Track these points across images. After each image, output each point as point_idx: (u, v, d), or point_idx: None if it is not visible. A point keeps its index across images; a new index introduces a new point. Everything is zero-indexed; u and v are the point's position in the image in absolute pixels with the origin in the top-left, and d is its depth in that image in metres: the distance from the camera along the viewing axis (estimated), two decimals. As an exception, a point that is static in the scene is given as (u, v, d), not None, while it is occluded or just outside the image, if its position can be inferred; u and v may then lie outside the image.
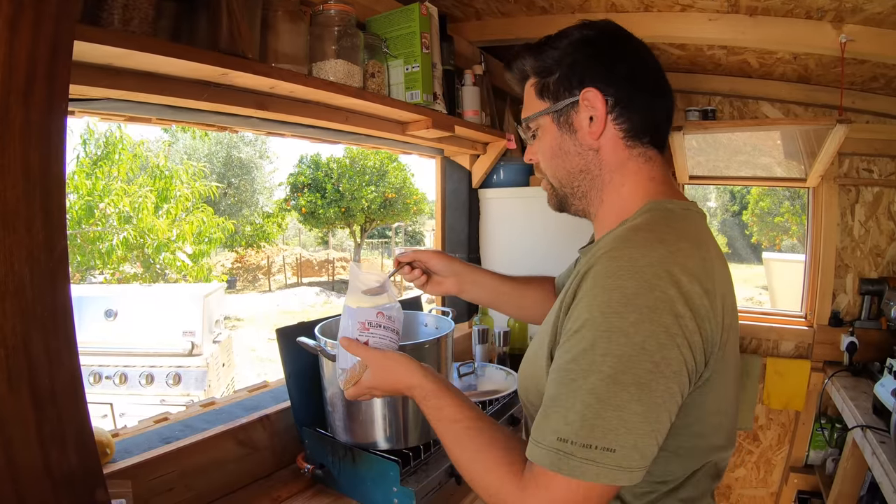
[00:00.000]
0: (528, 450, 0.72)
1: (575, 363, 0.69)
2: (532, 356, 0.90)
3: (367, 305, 1.00)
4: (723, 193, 20.95)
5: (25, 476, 0.71)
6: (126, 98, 1.15)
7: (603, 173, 0.89)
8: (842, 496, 2.25)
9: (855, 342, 2.54)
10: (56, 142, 0.71)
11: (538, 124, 0.93)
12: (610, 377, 0.67)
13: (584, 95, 0.85)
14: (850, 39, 1.80)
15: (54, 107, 0.71)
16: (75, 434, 0.78)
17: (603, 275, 0.71)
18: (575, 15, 2.02)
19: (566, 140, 0.90)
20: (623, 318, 0.68)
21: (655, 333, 0.67)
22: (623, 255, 0.72)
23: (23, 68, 0.66)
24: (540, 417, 0.72)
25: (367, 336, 0.98)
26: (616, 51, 0.89)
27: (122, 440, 1.25)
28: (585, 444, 0.66)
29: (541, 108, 0.91)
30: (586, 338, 0.69)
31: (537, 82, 0.92)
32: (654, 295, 0.68)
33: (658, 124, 0.89)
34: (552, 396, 0.71)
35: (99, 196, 7.42)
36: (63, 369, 0.75)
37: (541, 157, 0.95)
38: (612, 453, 0.66)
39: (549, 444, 0.69)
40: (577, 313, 0.72)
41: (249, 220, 17.74)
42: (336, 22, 1.37)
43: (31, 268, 0.70)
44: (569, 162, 0.90)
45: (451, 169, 2.50)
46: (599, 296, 0.70)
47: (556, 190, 0.95)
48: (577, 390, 0.68)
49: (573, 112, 0.88)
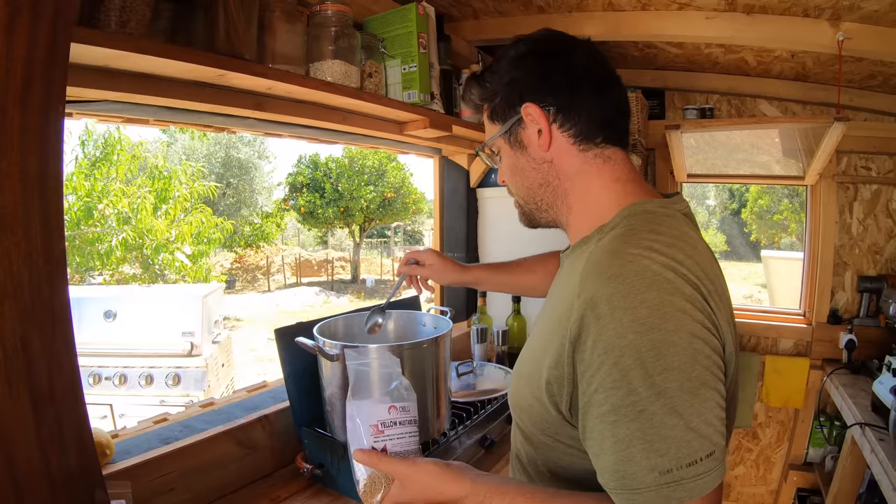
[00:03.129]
0: (627, 501, 0.67)
1: (634, 395, 0.66)
2: (528, 368, 0.87)
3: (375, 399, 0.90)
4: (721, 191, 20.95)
5: (25, 477, 0.71)
6: (123, 100, 1.15)
7: (563, 182, 0.89)
8: (841, 494, 2.25)
9: (854, 340, 2.54)
10: (53, 144, 0.72)
11: (497, 147, 0.95)
12: (679, 389, 0.65)
13: (524, 111, 0.86)
14: (848, 37, 1.80)
15: (51, 109, 0.71)
16: (74, 435, 0.78)
17: (619, 296, 0.68)
18: (572, 14, 2.02)
19: (520, 157, 0.91)
20: (661, 329, 0.66)
21: (695, 331, 0.67)
22: (628, 270, 0.69)
23: (20, 71, 0.67)
24: (620, 465, 0.67)
25: (384, 440, 0.87)
26: (548, 59, 0.88)
27: (122, 441, 1.25)
28: (690, 462, 0.64)
29: (493, 131, 0.94)
30: (633, 365, 0.66)
31: (487, 108, 0.94)
32: (678, 297, 0.68)
33: (609, 121, 0.88)
34: (622, 438, 0.66)
35: (98, 197, 7.42)
36: (62, 371, 0.75)
37: (506, 178, 0.98)
38: (713, 456, 0.65)
39: (652, 483, 0.65)
40: (604, 345, 0.68)
41: (248, 221, 17.75)
42: (333, 22, 1.37)
43: (29, 270, 0.70)
44: (527, 178, 0.92)
45: (449, 168, 2.50)
46: (625, 317, 0.67)
47: (523, 206, 0.97)
48: (652, 417, 0.65)
49: (520, 129, 0.89)
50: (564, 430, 0.80)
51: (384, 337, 1.66)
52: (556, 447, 0.83)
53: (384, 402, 0.89)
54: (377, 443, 0.87)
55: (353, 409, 0.89)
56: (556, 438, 0.82)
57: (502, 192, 2.47)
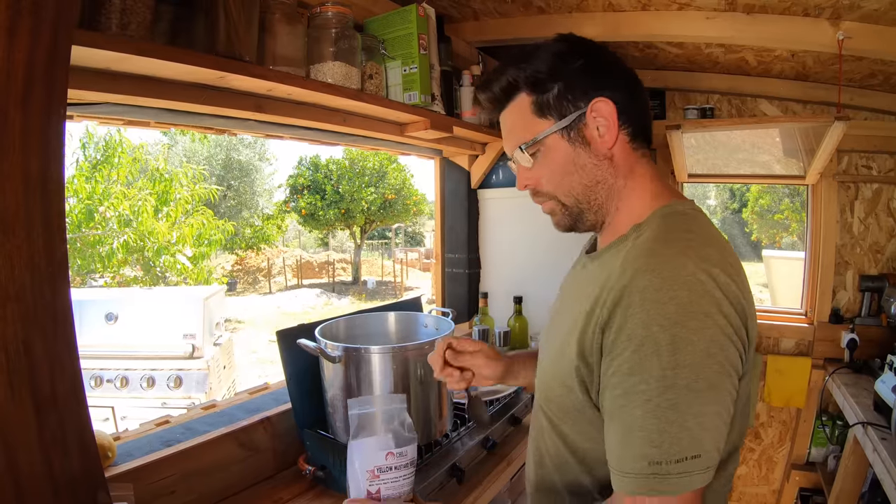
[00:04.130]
0: (617, 482, 0.72)
1: (645, 383, 0.69)
2: (554, 361, 0.89)
3: (373, 444, 0.91)
4: (722, 191, 20.93)
5: (27, 480, 0.72)
6: (124, 102, 1.15)
7: (617, 181, 0.89)
8: (843, 493, 2.25)
9: (855, 339, 2.54)
10: (55, 147, 0.72)
11: (541, 145, 0.88)
12: (686, 388, 0.68)
13: (594, 105, 0.84)
14: (848, 36, 1.80)
15: (53, 112, 0.71)
16: (77, 438, 0.78)
17: (652, 289, 0.71)
18: (572, 14, 2.03)
19: (581, 154, 0.87)
20: (684, 327, 0.68)
21: (715, 336, 0.69)
22: (664, 266, 0.72)
23: (21, 74, 0.67)
24: (618, 446, 0.72)
25: (378, 484, 0.90)
26: (606, 58, 0.89)
27: (124, 443, 1.25)
28: (678, 459, 0.67)
29: (544, 126, 0.87)
30: (650, 355, 0.69)
31: (535, 100, 0.88)
32: (706, 300, 0.70)
33: (649, 124, 0.91)
34: (627, 422, 0.71)
35: (99, 200, 7.41)
36: (64, 373, 0.75)
37: (547, 178, 0.90)
38: (698, 459, 0.68)
39: (641, 471, 0.69)
40: (628, 332, 0.71)
41: (249, 223, 17.75)
42: (333, 24, 1.37)
43: (31, 273, 0.70)
44: (585, 176, 0.88)
45: (450, 169, 2.50)
46: (653, 310, 0.70)
47: (570, 208, 0.91)
48: (656, 409, 0.68)
49: (582, 124, 0.86)
50: (592, 414, 0.82)
51: (386, 337, 1.66)
52: (583, 431, 0.86)
53: (383, 447, 0.91)
54: (372, 486, 0.89)
55: (352, 452, 0.91)
56: (584, 423, 0.84)
57: (503, 192, 2.49)
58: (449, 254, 2.55)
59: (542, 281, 2.32)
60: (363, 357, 1.30)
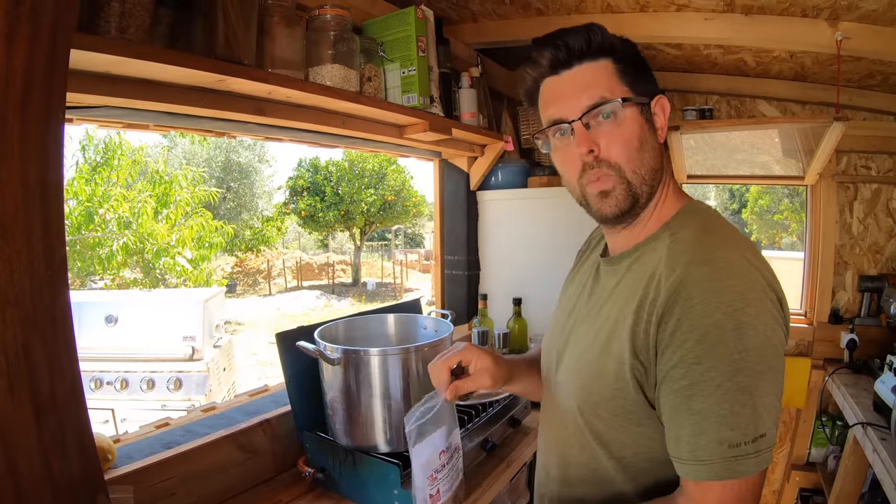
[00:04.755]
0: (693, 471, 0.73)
1: (714, 370, 0.71)
2: (594, 362, 0.87)
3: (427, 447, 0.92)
4: (722, 192, 20.93)
5: (27, 482, 0.72)
6: (124, 105, 1.15)
7: (665, 175, 0.91)
8: (843, 493, 2.25)
9: (855, 339, 2.54)
10: (54, 152, 0.72)
11: (622, 110, 0.84)
12: (751, 370, 0.70)
13: (659, 99, 0.89)
14: (846, 37, 1.80)
15: (51, 117, 0.71)
16: (76, 441, 0.78)
17: (709, 280, 0.74)
18: (570, 16, 2.03)
19: (651, 136, 0.87)
20: (745, 312, 0.71)
21: (770, 321, 0.73)
22: (715, 257, 0.76)
23: (19, 80, 0.67)
24: (690, 436, 0.73)
25: (437, 485, 0.94)
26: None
27: (124, 446, 1.25)
28: (753, 438, 0.70)
29: (625, 93, 0.84)
30: (716, 342, 0.71)
31: (622, 68, 0.86)
32: (758, 287, 0.74)
33: None
34: (699, 410, 0.72)
35: (98, 202, 7.41)
36: (63, 377, 0.76)
37: (621, 147, 0.85)
38: (765, 438, 0.71)
39: (721, 455, 0.70)
40: (690, 322, 0.73)
41: (249, 225, 17.74)
42: (332, 27, 1.37)
43: (31, 277, 0.70)
44: (654, 159, 0.87)
45: (450, 171, 2.51)
46: (713, 299, 0.72)
47: (634, 187, 0.86)
48: (727, 393, 0.70)
49: (650, 112, 0.88)
50: (644, 413, 0.82)
51: (386, 339, 1.67)
52: (631, 435, 0.85)
53: (434, 447, 0.93)
54: (432, 488, 0.93)
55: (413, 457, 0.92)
56: (632, 426, 0.84)
57: (503, 194, 2.49)
58: (448, 256, 2.55)
59: (542, 283, 2.32)
60: (362, 359, 1.30)
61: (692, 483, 0.73)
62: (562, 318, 1.05)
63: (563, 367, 0.97)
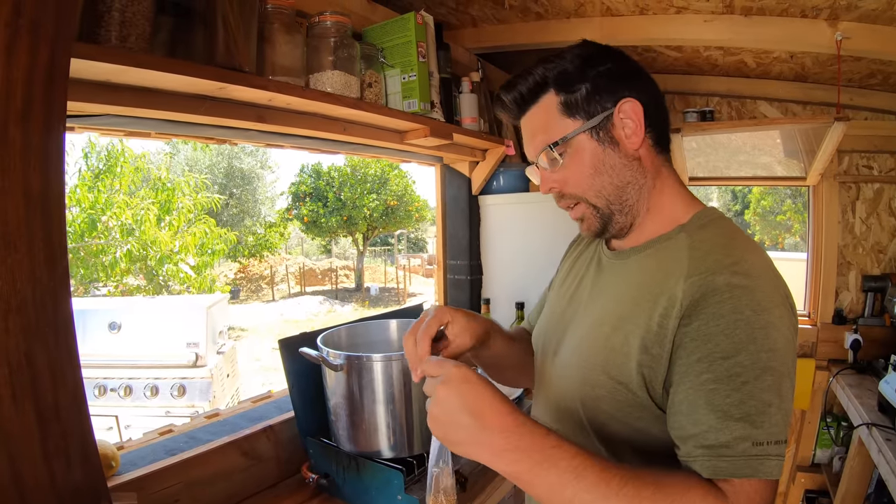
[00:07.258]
0: (713, 466, 0.69)
1: (739, 366, 0.70)
2: (595, 356, 0.86)
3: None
4: (724, 193, 20.94)
5: (31, 491, 0.72)
6: (125, 113, 1.16)
7: (647, 180, 0.89)
8: (849, 495, 2.24)
9: (859, 340, 2.53)
10: (55, 162, 0.72)
11: (568, 146, 0.87)
12: (777, 370, 0.71)
13: (622, 106, 0.85)
14: (846, 37, 1.80)
15: (52, 127, 0.72)
16: (79, 448, 0.78)
17: (738, 279, 0.74)
18: (570, 20, 2.03)
19: (610, 154, 0.87)
20: (772, 313, 0.72)
21: (789, 326, 0.74)
22: (743, 260, 0.77)
23: (20, 91, 0.67)
24: (713, 433, 0.69)
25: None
26: (631, 62, 0.91)
27: (128, 452, 1.25)
28: (776, 440, 0.69)
29: (572, 126, 0.87)
30: (744, 339, 0.71)
31: (562, 100, 0.87)
32: (781, 291, 0.76)
33: (669, 130, 0.93)
34: (719, 407, 0.70)
35: (101, 209, 7.44)
36: (66, 385, 0.76)
37: (576, 179, 0.89)
38: (782, 443, 0.70)
39: (743, 452, 0.68)
40: (719, 318, 0.72)
41: (252, 231, 17.79)
42: (332, 33, 1.38)
43: (33, 286, 0.71)
44: (616, 176, 0.87)
45: (451, 176, 2.51)
46: (744, 297, 0.73)
47: (601, 210, 0.89)
48: (754, 390, 0.69)
49: (610, 125, 0.86)
50: (646, 412, 0.81)
51: (388, 345, 1.66)
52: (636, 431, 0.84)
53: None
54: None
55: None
56: (634, 417, 0.83)
57: (505, 199, 2.49)
58: (451, 260, 2.55)
59: (544, 287, 2.32)
60: (365, 365, 1.30)
61: (719, 481, 0.69)
62: (557, 310, 1.04)
63: (561, 359, 0.96)
